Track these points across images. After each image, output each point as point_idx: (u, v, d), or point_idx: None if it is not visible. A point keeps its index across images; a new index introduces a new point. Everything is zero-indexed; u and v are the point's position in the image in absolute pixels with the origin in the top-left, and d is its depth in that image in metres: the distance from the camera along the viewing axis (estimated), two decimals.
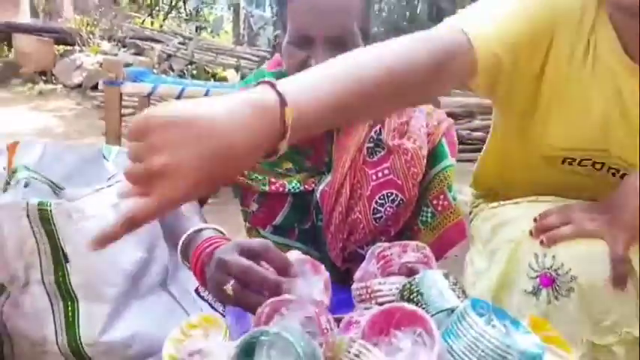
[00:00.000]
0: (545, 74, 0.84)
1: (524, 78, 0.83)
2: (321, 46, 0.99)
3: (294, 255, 0.78)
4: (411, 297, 0.66)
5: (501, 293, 0.87)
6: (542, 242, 0.81)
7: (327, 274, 0.78)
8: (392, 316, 0.56)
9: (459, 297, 0.64)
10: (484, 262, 0.92)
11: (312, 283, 0.75)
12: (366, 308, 0.73)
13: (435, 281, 0.65)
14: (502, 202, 0.95)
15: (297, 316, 0.62)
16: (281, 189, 1.09)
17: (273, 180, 1.09)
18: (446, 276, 0.66)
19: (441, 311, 0.61)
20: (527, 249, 0.84)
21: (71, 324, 1.10)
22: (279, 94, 0.53)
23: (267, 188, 1.08)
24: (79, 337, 1.10)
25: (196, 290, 1.25)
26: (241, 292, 0.70)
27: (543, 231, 0.82)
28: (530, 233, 0.84)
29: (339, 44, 1.00)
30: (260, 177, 1.08)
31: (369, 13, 1.06)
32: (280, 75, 1.12)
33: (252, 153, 0.52)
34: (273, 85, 0.54)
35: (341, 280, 1.19)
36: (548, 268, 0.80)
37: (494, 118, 1.03)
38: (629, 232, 0.78)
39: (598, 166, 0.89)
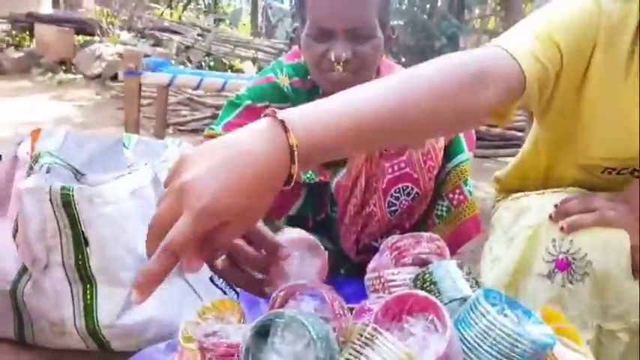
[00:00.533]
0: (586, 85, 0.84)
1: (567, 88, 0.83)
2: (340, 39, 0.99)
3: (294, 233, 0.78)
4: (424, 286, 0.66)
5: (518, 277, 0.88)
6: (562, 228, 0.82)
7: (325, 255, 0.76)
8: (405, 302, 0.57)
9: (472, 287, 0.64)
10: (502, 248, 0.93)
11: (307, 264, 0.74)
12: (379, 298, 0.73)
13: (448, 271, 0.66)
14: (527, 192, 0.96)
15: (311, 301, 0.63)
16: (297, 178, 1.10)
17: None
18: (460, 266, 0.67)
19: (454, 300, 0.62)
20: (545, 234, 0.85)
21: (89, 306, 1.13)
22: (281, 121, 0.53)
23: None
24: (97, 319, 1.12)
25: (211, 278, 1.27)
26: (228, 268, 0.70)
27: (563, 216, 0.83)
28: (550, 217, 0.84)
29: (359, 37, 1.00)
30: None
31: (388, 5, 1.06)
32: (298, 67, 1.13)
33: (272, 165, 0.51)
34: (274, 115, 0.54)
35: (354, 272, 1.20)
36: (565, 252, 0.81)
37: (533, 129, 1.02)
38: None
39: (637, 173, 0.89)
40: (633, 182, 0.85)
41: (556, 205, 0.85)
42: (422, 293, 0.57)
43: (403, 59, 5.71)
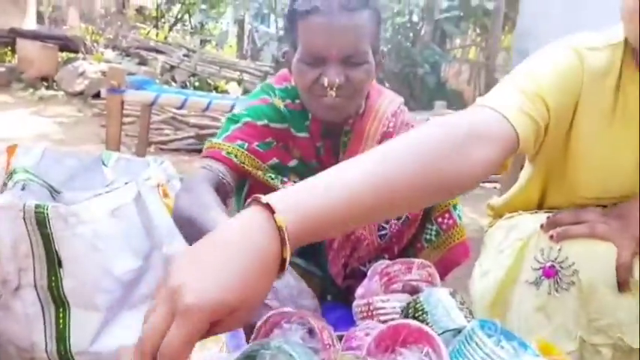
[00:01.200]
0: (573, 132, 0.85)
1: (555, 137, 0.84)
2: (333, 65, 0.98)
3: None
4: (416, 315, 0.64)
5: (506, 288, 0.88)
6: (551, 237, 0.83)
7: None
8: (398, 333, 0.54)
9: (466, 317, 0.62)
10: (492, 262, 0.93)
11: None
12: (367, 327, 0.71)
13: (440, 300, 0.63)
14: (520, 212, 0.97)
15: (299, 330, 0.60)
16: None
17: (285, 180, 1.07)
18: (452, 295, 0.65)
19: (448, 331, 0.59)
20: (535, 244, 0.85)
21: (62, 331, 1.07)
22: (266, 204, 0.50)
23: (280, 185, 1.06)
24: (69, 345, 1.07)
25: None
26: None
27: (554, 226, 0.84)
28: (542, 227, 0.85)
29: (352, 62, 0.99)
30: (273, 175, 1.07)
31: (379, 32, 1.05)
32: (287, 90, 1.12)
33: (261, 251, 0.48)
34: (259, 200, 0.52)
35: (340, 298, 1.17)
36: (553, 260, 0.82)
37: (525, 166, 1.02)
38: (638, 241, 0.79)
39: None
40: (628, 201, 0.86)
41: (548, 217, 0.86)
42: (416, 324, 0.55)
43: (387, 85, 5.79)
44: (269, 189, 1.04)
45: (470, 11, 6.75)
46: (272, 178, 1.06)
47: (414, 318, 0.63)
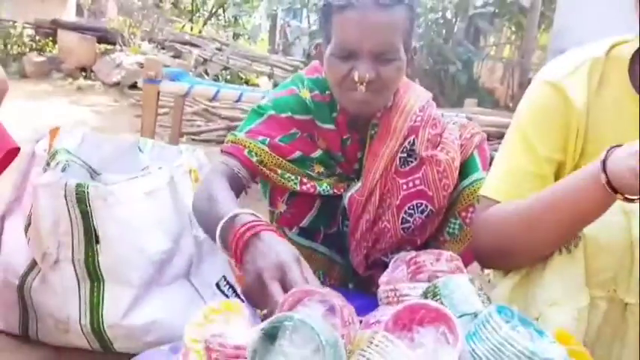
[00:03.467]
0: (589, 134, 0.88)
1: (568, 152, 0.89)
2: (365, 60, 0.99)
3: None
4: (435, 300, 0.65)
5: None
6: None
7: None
8: (416, 312, 0.56)
9: (483, 303, 0.63)
10: None
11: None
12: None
13: (459, 285, 0.65)
14: None
15: (320, 307, 0.62)
16: (312, 190, 1.10)
17: (305, 180, 1.10)
18: (471, 281, 0.66)
19: (465, 315, 0.61)
20: None
21: (96, 305, 1.12)
22: None
23: (298, 187, 1.09)
24: (102, 318, 1.12)
25: (217, 284, 1.26)
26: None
27: None
28: None
29: (383, 59, 1.00)
30: (292, 177, 1.09)
31: (412, 29, 1.06)
32: (318, 81, 1.14)
33: None
34: None
35: (362, 287, 1.19)
36: None
37: None
38: None
39: None
40: None
41: None
42: (433, 304, 0.57)
43: (418, 81, 5.74)
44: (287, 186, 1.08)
45: (505, 8, 6.63)
46: (289, 180, 1.09)
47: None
